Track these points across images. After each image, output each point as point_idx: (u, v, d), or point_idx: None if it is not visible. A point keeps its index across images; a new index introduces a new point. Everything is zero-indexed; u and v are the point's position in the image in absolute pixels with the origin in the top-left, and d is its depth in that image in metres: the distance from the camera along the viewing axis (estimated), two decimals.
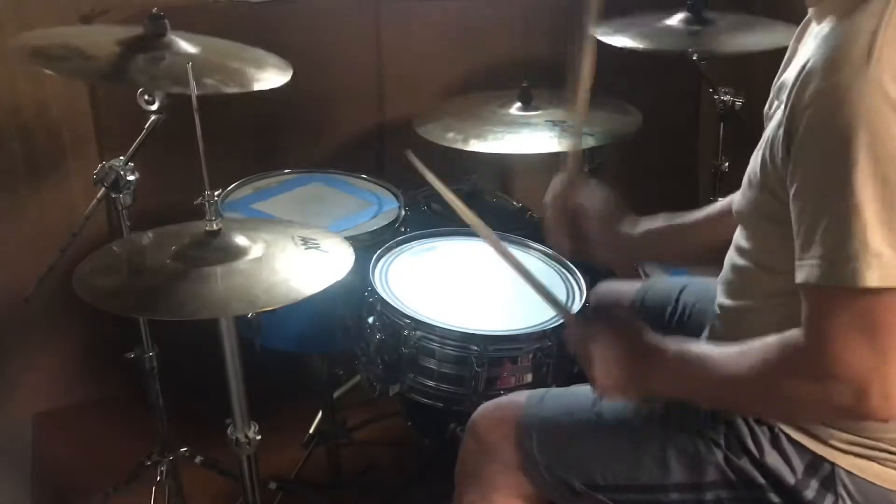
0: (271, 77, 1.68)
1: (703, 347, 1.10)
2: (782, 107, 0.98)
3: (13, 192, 2.13)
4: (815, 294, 0.93)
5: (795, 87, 0.94)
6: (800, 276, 0.94)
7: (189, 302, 1.23)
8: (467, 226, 1.26)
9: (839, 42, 0.91)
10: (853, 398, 0.91)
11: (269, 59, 1.77)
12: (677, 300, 1.48)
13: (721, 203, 1.38)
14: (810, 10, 1.07)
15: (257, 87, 1.63)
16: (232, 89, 1.59)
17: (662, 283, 1.62)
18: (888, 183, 0.87)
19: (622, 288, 1.60)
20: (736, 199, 1.16)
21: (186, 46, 1.64)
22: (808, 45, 1.01)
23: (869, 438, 1.06)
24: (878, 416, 0.92)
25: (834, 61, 0.90)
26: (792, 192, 0.96)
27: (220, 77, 1.60)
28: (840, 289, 0.90)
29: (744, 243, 1.16)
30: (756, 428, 1.14)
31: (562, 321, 1.51)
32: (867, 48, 0.88)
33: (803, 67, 0.94)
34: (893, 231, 0.88)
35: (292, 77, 1.72)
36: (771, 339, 1.00)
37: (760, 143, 1.07)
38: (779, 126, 0.98)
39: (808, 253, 0.93)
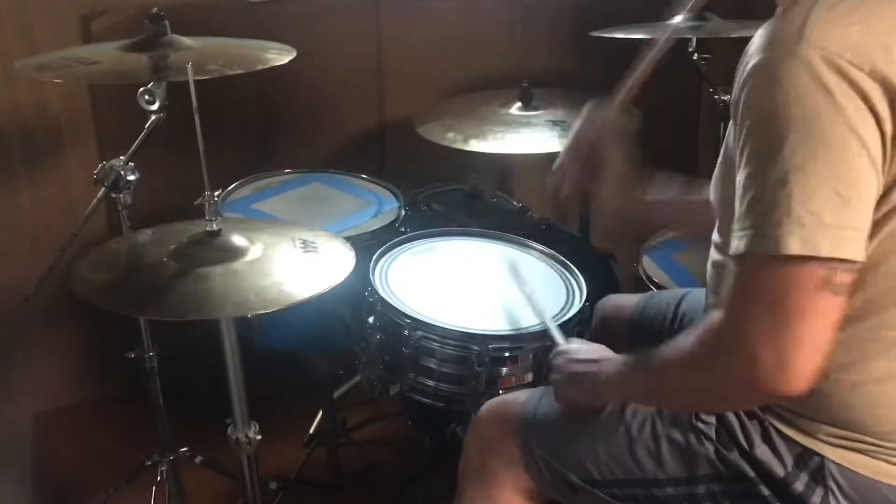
0: (274, 58, 1.67)
1: (655, 349, 1.09)
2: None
3: (13, 192, 2.13)
4: (741, 263, 0.94)
5: (739, 67, 0.98)
6: (731, 248, 0.95)
7: (184, 302, 1.23)
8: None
9: (776, 23, 0.95)
10: (745, 365, 0.90)
11: (269, 45, 1.77)
12: (677, 308, 1.49)
13: None
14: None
15: (260, 66, 1.62)
16: (236, 70, 1.59)
17: (663, 294, 1.62)
18: (816, 156, 0.89)
19: (623, 301, 1.61)
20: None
21: (188, 42, 1.65)
22: None
23: (857, 432, 1.06)
24: (767, 385, 0.90)
25: (768, 40, 0.94)
26: (738, 167, 0.97)
27: (224, 61, 1.60)
28: (763, 257, 0.91)
29: (717, 238, 1.17)
30: (746, 421, 1.14)
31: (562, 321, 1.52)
32: (798, 28, 0.91)
33: (746, 49, 0.98)
34: (816, 201, 0.89)
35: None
36: (695, 327, 1.01)
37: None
38: (730, 106, 1.02)
39: (739, 224, 0.94)
